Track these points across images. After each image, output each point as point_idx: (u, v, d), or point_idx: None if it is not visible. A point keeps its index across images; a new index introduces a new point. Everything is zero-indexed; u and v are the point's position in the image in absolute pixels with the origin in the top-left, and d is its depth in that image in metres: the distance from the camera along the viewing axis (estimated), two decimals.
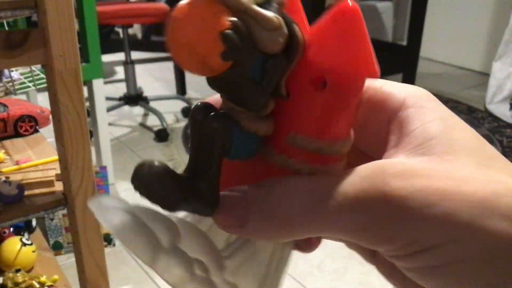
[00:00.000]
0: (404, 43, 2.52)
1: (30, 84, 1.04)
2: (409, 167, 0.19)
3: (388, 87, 0.23)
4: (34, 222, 1.52)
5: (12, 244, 1.22)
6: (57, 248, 1.64)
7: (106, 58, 3.02)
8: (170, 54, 0.18)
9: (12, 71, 1.03)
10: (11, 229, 1.37)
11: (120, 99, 2.76)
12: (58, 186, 0.88)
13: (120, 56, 2.93)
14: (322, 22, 0.19)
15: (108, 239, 1.68)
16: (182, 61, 0.18)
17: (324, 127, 0.20)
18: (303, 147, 0.21)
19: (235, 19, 0.18)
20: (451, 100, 3.10)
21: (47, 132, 1.13)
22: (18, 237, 1.25)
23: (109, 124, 2.54)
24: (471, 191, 0.18)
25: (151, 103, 2.80)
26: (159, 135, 2.51)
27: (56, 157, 0.96)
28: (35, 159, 0.99)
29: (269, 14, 0.18)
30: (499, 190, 0.18)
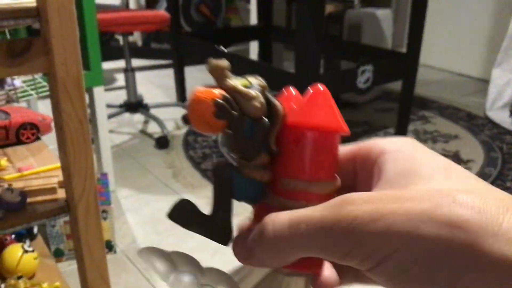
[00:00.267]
0: (404, 50, 2.53)
1: (32, 92, 1.04)
2: (369, 197, 0.23)
3: (375, 141, 0.28)
4: (35, 229, 1.52)
5: (14, 251, 1.22)
6: (58, 255, 1.64)
7: (106, 65, 3.03)
8: (192, 123, 0.26)
9: (14, 79, 1.04)
10: (13, 236, 1.37)
11: (120, 106, 2.77)
12: (61, 193, 0.88)
13: (120, 63, 2.94)
14: (304, 100, 0.27)
15: (109, 246, 1.68)
16: (196, 124, 0.26)
17: (308, 171, 0.26)
18: (294, 188, 0.26)
19: (223, 93, 0.25)
20: (450, 107, 3.11)
21: (48, 140, 1.13)
22: (20, 244, 1.25)
23: (110, 131, 2.54)
24: (411, 207, 0.21)
25: (152, 110, 2.81)
26: (160, 142, 2.52)
27: (58, 164, 0.96)
28: (37, 167, 1.00)
29: (248, 90, 0.25)
30: (442, 203, 0.21)
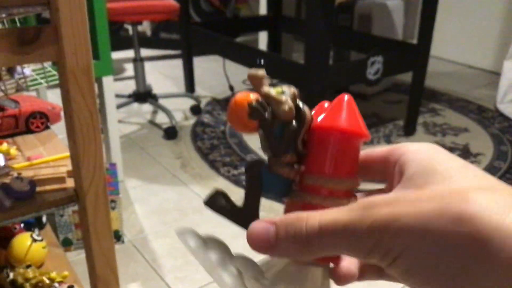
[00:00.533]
0: (415, 42, 2.50)
1: (42, 81, 1.04)
2: (388, 200, 0.25)
3: (403, 143, 0.30)
4: (44, 219, 1.53)
5: (23, 240, 1.22)
6: (66, 244, 1.65)
7: (115, 55, 3.02)
8: (230, 123, 0.31)
9: (24, 67, 1.03)
10: (22, 225, 1.38)
11: (129, 96, 2.77)
12: (70, 183, 0.88)
13: (129, 53, 2.93)
14: (331, 105, 0.31)
15: (117, 236, 1.68)
16: (234, 124, 0.31)
17: (329, 169, 0.30)
18: (314, 183, 0.30)
19: (257, 97, 0.30)
20: (461, 99, 3.08)
21: (57, 129, 1.13)
22: (29, 233, 1.25)
23: (119, 122, 2.54)
24: (423, 207, 0.24)
25: (160, 101, 2.80)
26: (168, 132, 2.52)
27: (67, 153, 0.96)
28: (46, 156, 1.00)
29: (280, 96, 0.30)
30: (453, 201, 0.23)
